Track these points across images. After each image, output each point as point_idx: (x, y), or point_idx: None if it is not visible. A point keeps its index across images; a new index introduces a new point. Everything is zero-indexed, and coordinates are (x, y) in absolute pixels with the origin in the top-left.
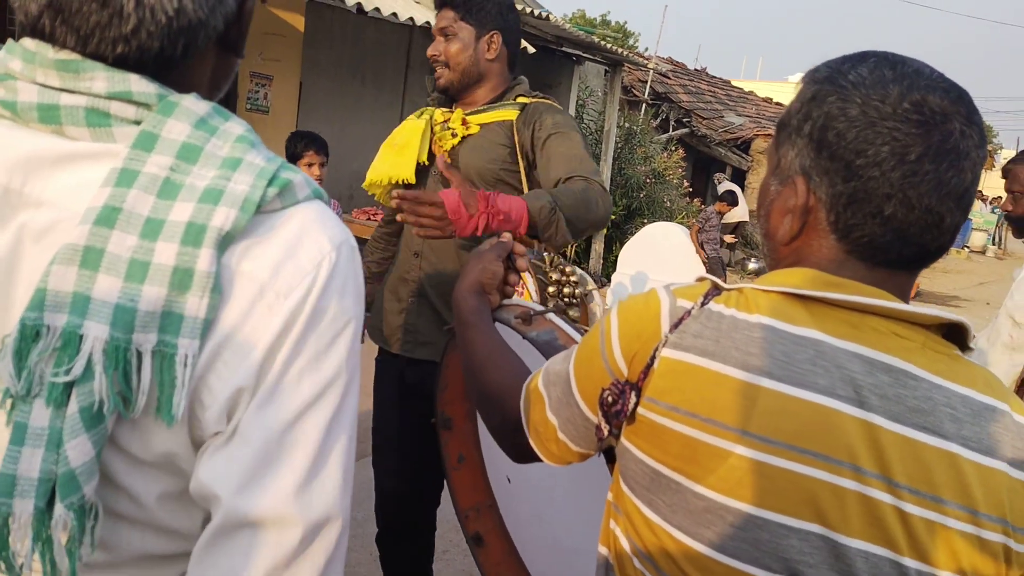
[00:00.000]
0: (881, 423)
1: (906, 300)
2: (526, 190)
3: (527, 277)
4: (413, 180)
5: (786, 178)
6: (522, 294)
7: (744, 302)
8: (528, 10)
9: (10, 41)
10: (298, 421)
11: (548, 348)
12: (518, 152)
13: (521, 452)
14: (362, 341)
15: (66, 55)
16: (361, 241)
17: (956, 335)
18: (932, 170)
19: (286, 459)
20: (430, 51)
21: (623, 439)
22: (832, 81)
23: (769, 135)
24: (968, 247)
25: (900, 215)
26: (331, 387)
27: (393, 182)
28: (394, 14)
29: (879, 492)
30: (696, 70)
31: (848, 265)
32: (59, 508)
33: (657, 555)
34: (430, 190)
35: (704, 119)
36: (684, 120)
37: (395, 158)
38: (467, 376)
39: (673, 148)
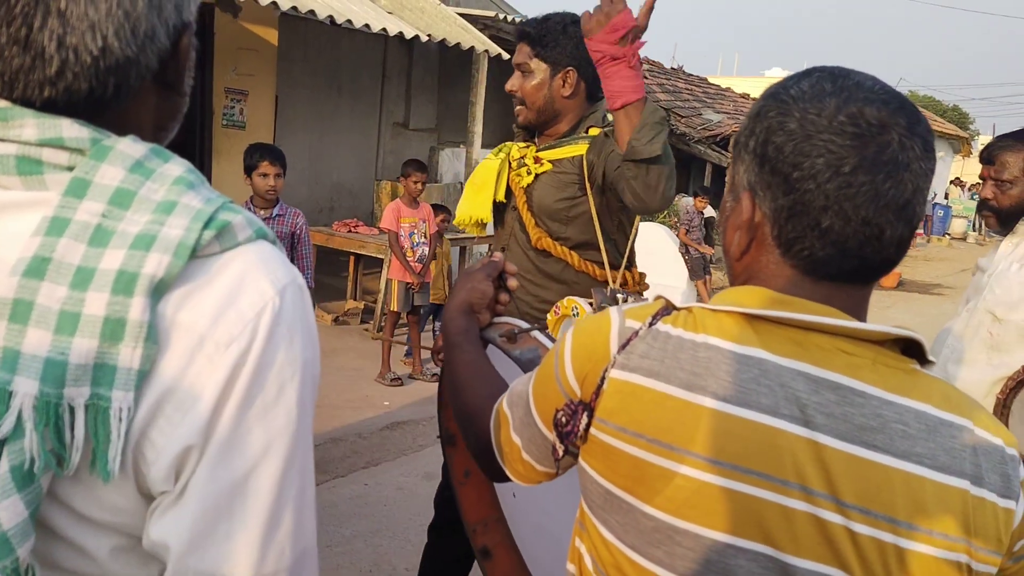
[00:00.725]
0: (827, 442)
1: (860, 314)
2: (597, 223)
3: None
4: (489, 219)
5: (737, 194)
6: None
7: (692, 322)
8: (501, 16)
9: None
10: (249, 476)
11: (531, 366)
12: (587, 186)
13: (495, 471)
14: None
15: None
16: (340, 253)
17: (916, 348)
18: (867, 181)
19: (238, 516)
20: (508, 86)
21: (580, 459)
22: (775, 96)
23: None
24: (949, 234)
25: (837, 227)
26: (280, 437)
27: (474, 221)
28: (367, 25)
29: (828, 512)
30: (673, 69)
31: (794, 280)
32: None
33: (614, 573)
34: (508, 226)
35: (682, 117)
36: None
37: (475, 198)
38: (450, 394)
39: None
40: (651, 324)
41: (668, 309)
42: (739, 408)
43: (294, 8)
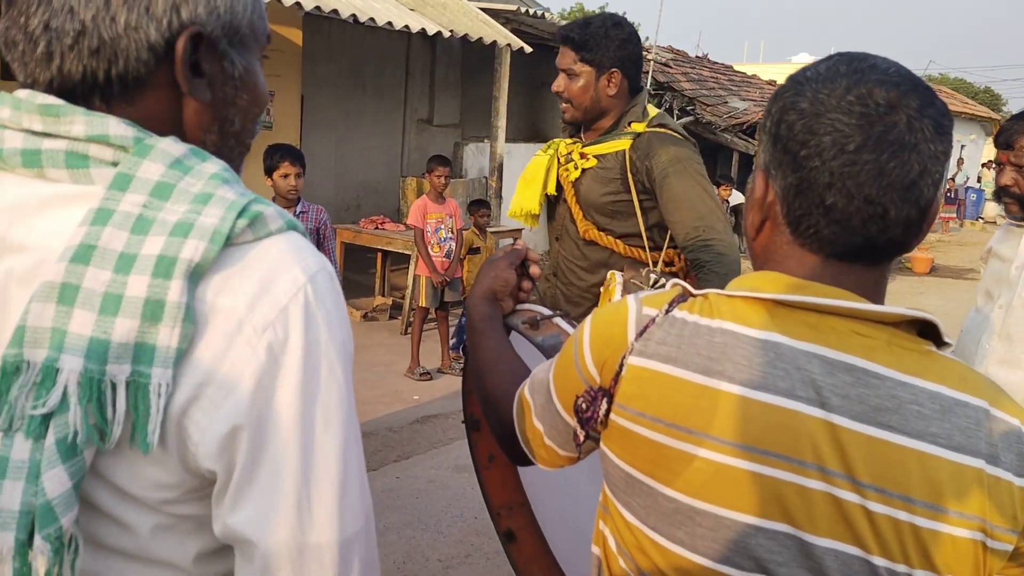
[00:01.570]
0: (842, 423)
1: (875, 296)
2: (640, 217)
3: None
4: (538, 211)
5: (756, 175)
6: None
7: (707, 308)
8: (523, 9)
9: (2, 92)
10: (317, 452)
11: (553, 352)
12: (630, 182)
13: (519, 456)
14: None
15: (50, 100)
16: (367, 250)
17: (932, 330)
18: (872, 160)
19: (315, 491)
20: (555, 87)
21: (602, 444)
22: (793, 78)
23: None
24: (982, 218)
25: (840, 205)
26: (336, 412)
27: (524, 213)
28: (389, 23)
29: (844, 492)
30: (698, 57)
31: (804, 260)
32: (37, 540)
33: (637, 555)
34: (560, 218)
35: (708, 106)
36: (688, 108)
37: (524, 191)
38: (474, 381)
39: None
40: (667, 311)
41: (684, 296)
42: (756, 391)
43: (317, 8)
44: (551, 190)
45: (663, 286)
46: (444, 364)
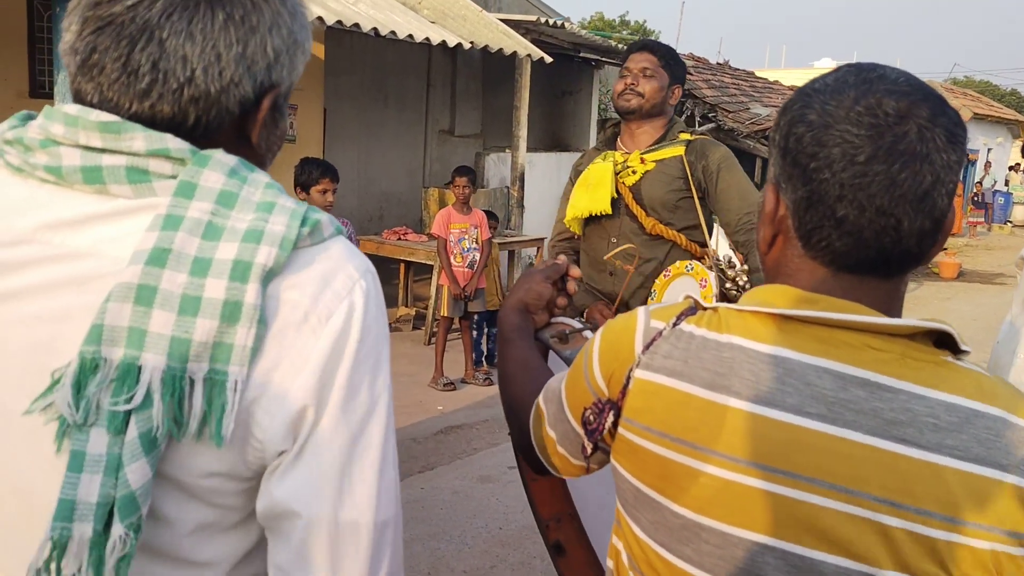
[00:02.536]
0: (855, 438)
1: (890, 308)
2: (700, 212)
3: (710, 274)
4: (610, 211)
5: (766, 189)
6: (704, 286)
7: (716, 322)
8: (543, 19)
9: (48, 107)
10: (362, 433)
11: None
12: (691, 181)
13: (536, 464)
14: None
15: (108, 117)
16: (390, 261)
17: (948, 339)
18: (883, 171)
19: (357, 469)
20: (629, 80)
21: (612, 458)
22: (802, 91)
23: None
24: (1011, 221)
25: (852, 217)
26: (382, 396)
27: (592, 213)
28: (410, 36)
29: (857, 508)
30: (719, 64)
31: (816, 274)
32: (118, 528)
33: (646, 570)
34: (618, 219)
35: (730, 112)
36: (710, 115)
37: (592, 194)
38: (500, 388)
39: None
40: (675, 324)
41: (694, 309)
42: (764, 407)
43: (339, 22)
44: (614, 193)
45: (745, 271)
46: (468, 375)
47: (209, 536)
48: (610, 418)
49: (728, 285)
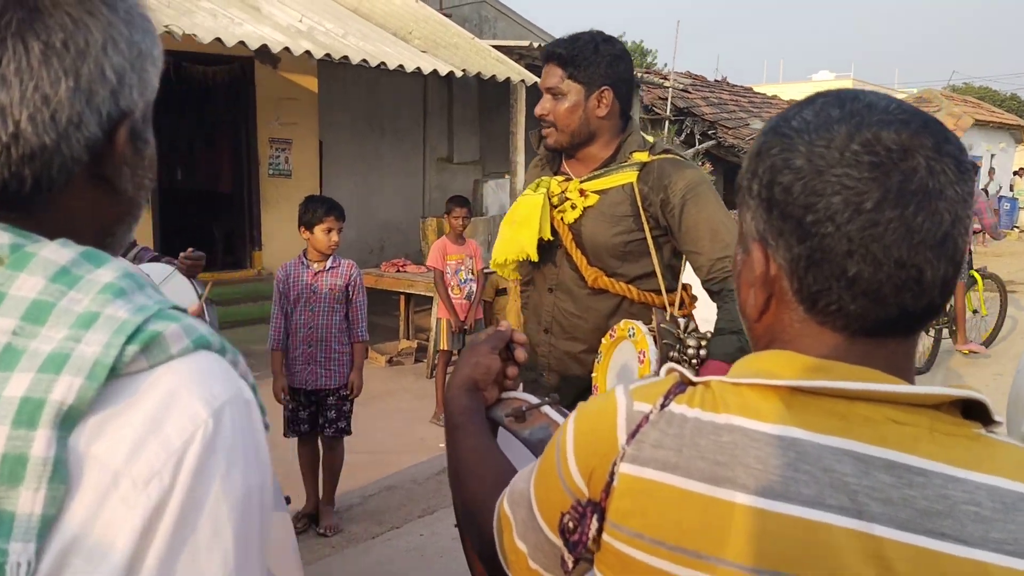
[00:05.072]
0: (886, 534)
1: (906, 373)
2: (655, 256)
3: (649, 344)
4: (536, 258)
5: (747, 246)
6: (643, 362)
7: (710, 400)
8: (536, 44)
9: None
10: None
11: (541, 447)
12: (643, 219)
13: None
14: None
15: None
16: (390, 294)
17: (975, 408)
18: (896, 217)
19: None
20: (538, 110)
21: (595, 569)
22: (775, 130)
23: None
24: (1017, 227)
25: (867, 274)
26: None
27: (520, 259)
28: (401, 66)
29: None
30: (717, 81)
31: (824, 340)
32: None
33: None
34: (555, 266)
35: (729, 129)
36: (709, 132)
37: (516, 235)
38: (452, 486)
39: (701, 162)
40: (663, 406)
41: (682, 385)
42: (776, 502)
43: (328, 55)
44: (546, 234)
45: (703, 335)
46: None
47: None
48: (594, 524)
49: (691, 352)
